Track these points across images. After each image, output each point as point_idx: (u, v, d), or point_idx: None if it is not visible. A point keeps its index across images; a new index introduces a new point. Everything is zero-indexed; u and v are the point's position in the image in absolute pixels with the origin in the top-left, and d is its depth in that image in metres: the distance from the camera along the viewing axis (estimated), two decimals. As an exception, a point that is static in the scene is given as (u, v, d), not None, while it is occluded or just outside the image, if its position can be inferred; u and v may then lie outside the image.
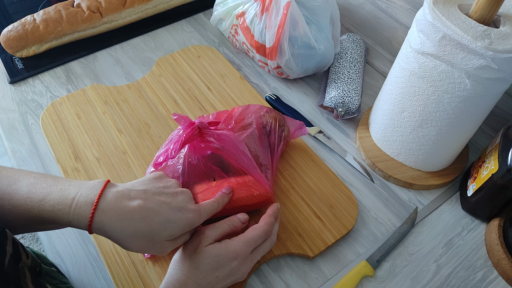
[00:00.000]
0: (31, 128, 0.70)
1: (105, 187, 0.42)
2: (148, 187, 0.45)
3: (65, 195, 0.41)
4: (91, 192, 0.41)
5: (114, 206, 0.41)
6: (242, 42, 0.79)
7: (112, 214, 0.41)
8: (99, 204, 0.41)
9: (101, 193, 0.42)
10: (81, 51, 0.81)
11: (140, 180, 0.46)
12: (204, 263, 0.46)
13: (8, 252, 0.39)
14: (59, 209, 0.40)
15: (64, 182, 0.43)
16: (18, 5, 0.92)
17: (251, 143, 0.57)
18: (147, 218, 0.42)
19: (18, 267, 0.40)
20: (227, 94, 0.74)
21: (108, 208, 0.41)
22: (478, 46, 0.47)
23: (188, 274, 0.45)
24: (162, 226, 0.43)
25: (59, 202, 0.41)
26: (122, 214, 0.41)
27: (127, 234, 0.41)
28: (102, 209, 0.41)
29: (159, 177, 0.47)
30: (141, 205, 0.42)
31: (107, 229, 0.41)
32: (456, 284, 0.55)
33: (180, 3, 0.89)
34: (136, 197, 0.43)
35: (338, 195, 0.61)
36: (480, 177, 0.57)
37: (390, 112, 0.61)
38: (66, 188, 0.42)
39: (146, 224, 0.42)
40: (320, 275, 0.55)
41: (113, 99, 0.72)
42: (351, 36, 0.81)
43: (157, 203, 0.43)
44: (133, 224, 0.41)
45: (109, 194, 0.42)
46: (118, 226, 0.41)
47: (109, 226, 0.41)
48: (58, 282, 0.51)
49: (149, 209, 0.42)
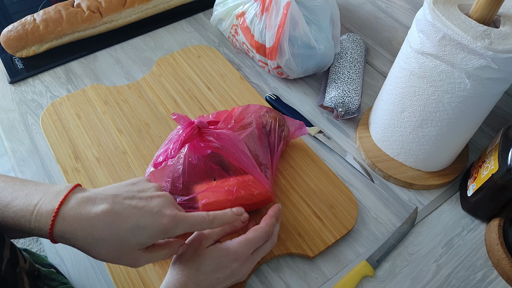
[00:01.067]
0: (31, 128, 0.70)
1: (70, 192, 0.39)
2: (120, 191, 0.41)
3: (28, 201, 0.38)
4: (54, 198, 0.38)
5: (75, 213, 0.38)
6: (242, 42, 0.79)
7: (72, 221, 0.37)
8: (61, 211, 0.37)
9: (64, 199, 0.38)
10: (81, 51, 0.81)
11: (115, 184, 0.43)
12: (205, 265, 0.46)
13: (5, 257, 0.38)
14: (22, 216, 0.37)
15: (31, 186, 0.40)
16: (18, 5, 0.92)
17: (251, 142, 0.57)
18: (111, 224, 0.38)
19: (16, 272, 0.39)
20: (227, 94, 0.74)
21: (69, 215, 0.37)
22: (478, 46, 0.47)
23: (189, 275, 0.45)
24: (129, 233, 0.39)
25: (22, 208, 0.38)
26: (83, 220, 0.37)
27: (90, 242, 0.38)
28: (63, 216, 0.37)
29: (137, 182, 0.44)
30: (105, 210, 0.38)
31: (69, 237, 0.37)
32: (456, 284, 0.55)
33: (180, 3, 0.89)
34: (102, 202, 0.39)
35: (338, 195, 0.61)
36: (480, 177, 0.57)
37: (390, 112, 0.61)
38: (31, 193, 0.39)
39: (110, 231, 0.38)
40: (320, 275, 0.55)
41: (113, 99, 0.72)
42: (351, 36, 0.81)
43: (126, 207, 0.39)
44: (96, 231, 0.37)
45: (73, 200, 0.38)
46: (80, 234, 0.37)
47: (71, 234, 0.37)
48: (58, 283, 0.51)
49: (115, 215, 0.38)
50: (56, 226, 0.37)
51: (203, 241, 0.47)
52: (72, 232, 0.37)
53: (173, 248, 0.44)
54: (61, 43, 0.80)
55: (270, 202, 0.57)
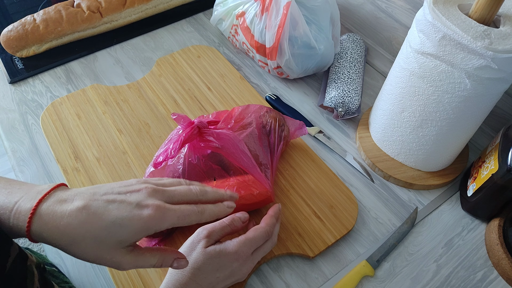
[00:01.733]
0: (31, 128, 0.70)
1: (51, 191, 0.37)
2: (102, 188, 0.39)
3: (9, 199, 0.37)
4: (34, 196, 0.37)
5: (51, 211, 0.36)
6: (242, 42, 0.79)
7: (48, 219, 0.36)
8: (38, 209, 0.36)
9: (42, 197, 0.36)
10: (81, 51, 0.81)
11: (107, 183, 0.41)
12: (205, 264, 0.45)
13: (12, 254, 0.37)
14: (2, 214, 0.36)
15: (15, 186, 0.39)
16: (18, 5, 0.92)
17: (251, 142, 0.57)
18: (86, 222, 0.36)
19: (26, 265, 0.38)
20: (227, 94, 0.74)
21: (45, 213, 0.36)
22: (478, 46, 0.47)
23: (189, 274, 0.45)
24: (105, 231, 0.36)
25: (2, 205, 0.37)
26: (58, 219, 0.35)
27: (66, 242, 0.36)
28: (40, 214, 0.36)
29: (131, 181, 0.41)
30: (79, 207, 0.36)
31: (46, 236, 0.36)
32: (456, 284, 0.55)
33: (180, 3, 0.89)
34: (78, 199, 0.37)
35: (338, 195, 0.61)
36: (480, 177, 0.57)
37: (390, 112, 0.61)
38: (14, 191, 0.38)
39: (85, 229, 0.36)
40: (320, 275, 0.55)
41: (113, 99, 0.72)
42: (351, 36, 0.81)
43: (102, 203, 0.37)
44: (70, 229, 0.35)
45: (51, 199, 0.37)
46: (55, 233, 0.36)
47: (47, 233, 0.36)
48: (60, 281, 0.51)
49: (90, 212, 0.36)
50: (33, 224, 0.36)
51: (203, 241, 0.47)
52: (48, 231, 0.36)
53: (166, 258, 0.40)
54: (61, 43, 0.80)
55: (270, 202, 0.57)
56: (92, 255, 0.37)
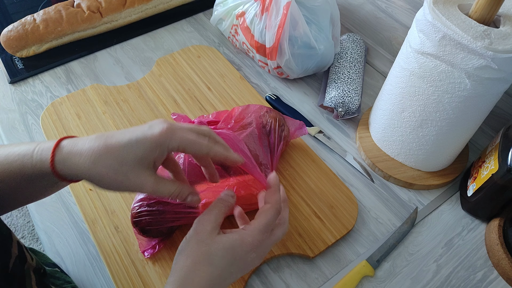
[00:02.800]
0: (31, 128, 0.70)
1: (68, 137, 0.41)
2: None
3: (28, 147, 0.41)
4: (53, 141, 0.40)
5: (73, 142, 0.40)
6: (242, 42, 0.79)
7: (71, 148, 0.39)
8: (61, 143, 0.40)
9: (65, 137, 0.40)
10: (81, 51, 0.81)
11: None
12: (218, 257, 0.40)
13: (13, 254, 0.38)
14: (24, 155, 0.40)
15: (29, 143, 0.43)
16: (18, 5, 0.92)
17: (251, 142, 0.57)
18: (106, 143, 0.39)
19: (24, 268, 0.39)
20: (227, 94, 0.74)
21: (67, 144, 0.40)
22: (478, 46, 0.47)
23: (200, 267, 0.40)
24: (124, 149, 0.39)
25: (24, 149, 0.40)
26: (80, 145, 0.39)
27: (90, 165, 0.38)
28: (62, 145, 0.39)
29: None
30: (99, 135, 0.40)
31: (69, 165, 0.39)
32: (456, 284, 0.55)
33: (180, 3, 0.89)
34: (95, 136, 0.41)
35: (338, 195, 0.61)
36: (480, 177, 0.57)
37: (390, 112, 0.61)
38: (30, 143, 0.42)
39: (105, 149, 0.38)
40: (320, 275, 0.55)
41: (113, 99, 0.72)
42: (351, 36, 0.81)
43: (118, 131, 0.41)
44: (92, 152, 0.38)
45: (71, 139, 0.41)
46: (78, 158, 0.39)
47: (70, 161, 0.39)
48: (63, 282, 0.51)
49: (108, 135, 0.40)
50: (57, 154, 0.39)
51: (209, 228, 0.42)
52: (72, 159, 0.38)
53: (183, 189, 0.42)
54: (61, 43, 0.80)
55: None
56: (115, 178, 0.39)
